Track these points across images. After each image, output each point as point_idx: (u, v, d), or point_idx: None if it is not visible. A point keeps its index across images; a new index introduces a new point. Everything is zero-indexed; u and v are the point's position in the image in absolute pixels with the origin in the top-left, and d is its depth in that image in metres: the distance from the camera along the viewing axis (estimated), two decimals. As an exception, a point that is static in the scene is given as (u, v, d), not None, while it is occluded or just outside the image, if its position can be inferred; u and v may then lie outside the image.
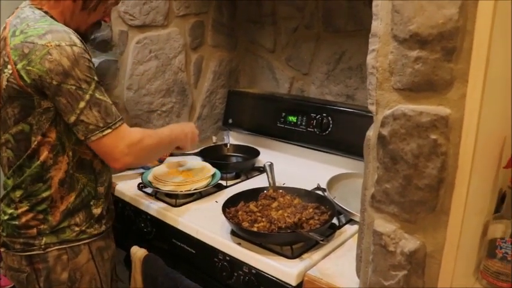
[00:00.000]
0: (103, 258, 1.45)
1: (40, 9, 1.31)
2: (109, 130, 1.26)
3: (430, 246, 0.88)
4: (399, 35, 0.81)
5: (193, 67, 2.19)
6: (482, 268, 0.94)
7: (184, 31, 2.11)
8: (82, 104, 1.22)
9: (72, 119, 1.24)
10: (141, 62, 1.96)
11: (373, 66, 0.89)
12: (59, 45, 1.19)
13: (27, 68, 1.19)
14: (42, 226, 1.33)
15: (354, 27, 1.91)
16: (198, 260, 1.49)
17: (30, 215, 1.33)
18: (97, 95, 1.24)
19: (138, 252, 1.60)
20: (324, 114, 1.87)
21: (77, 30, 1.34)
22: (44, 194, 1.32)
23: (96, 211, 1.42)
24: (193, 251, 1.49)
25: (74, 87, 1.20)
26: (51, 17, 1.31)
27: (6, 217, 1.35)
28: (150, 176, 1.74)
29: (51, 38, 1.19)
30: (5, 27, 1.29)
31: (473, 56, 0.74)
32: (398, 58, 0.82)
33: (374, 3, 0.88)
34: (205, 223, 1.49)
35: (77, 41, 1.23)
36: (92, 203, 1.41)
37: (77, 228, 1.37)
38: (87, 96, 1.22)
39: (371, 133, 0.96)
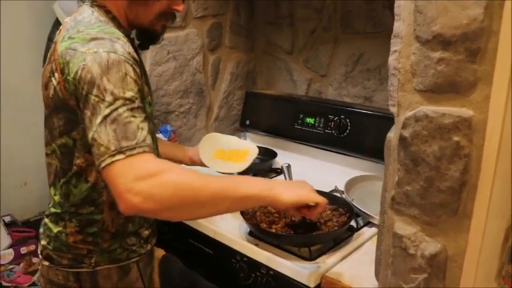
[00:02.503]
0: (147, 274, 1.37)
1: (103, 7, 1.18)
2: (121, 156, 0.96)
3: (451, 250, 0.87)
4: (422, 35, 0.80)
5: (210, 68, 2.20)
6: (505, 274, 0.93)
7: (202, 32, 2.12)
8: (99, 119, 0.99)
9: (90, 137, 1.01)
10: (159, 63, 1.98)
11: (394, 67, 0.88)
12: (95, 52, 1.02)
13: (68, 77, 1.05)
14: (92, 248, 1.23)
15: (372, 29, 1.90)
16: (215, 261, 1.49)
17: (80, 237, 1.22)
18: (121, 110, 0.99)
19: (155, 252, 1.61)
20: (342, 116, 1.86)
21: (142, 27, 1.24)
22: (96, 217, 1.22)
23: (146, 233, 1.33)
24: (211, 252, 1.50)
25: (96, 99, 0.99)
26: (113, 18, 1.19)
27: (52, 234, 1.25)
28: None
29: (93, 45, 1.04)
30: (60, 30, 1.18)
31: (499, 57, 0.73)
32: (421, 59, 0.82)
33: (396, 4, 0.87)
34: (223, 224, 1.49)
35: (120, 50, 1.04)
36: (144, 227, 1.32)
37: (127, 248, 1.28)
38: (107, 111, 0.98)
39: (392, 135, 0.95)
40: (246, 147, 1.64)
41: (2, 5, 2.43)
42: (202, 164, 1.56)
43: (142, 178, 0.95)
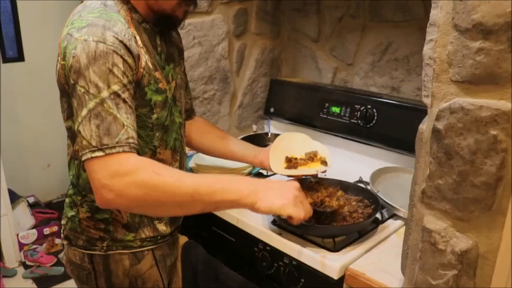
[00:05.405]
0: (166, 264, 1.38)
1: None
2: (100, 153, 0.99)
3: (483, 247, 0.84)
4: (461, 24, 0.77)
5: (236, 55, 2.18)
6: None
7: (228, 18, 2.10)
8: (84, 112, 1.01)
9: (76, 126, 1.04)
10: (185, 49, 1.96)
11: (430, 57, 0.85)
12: (85, 40, 1.02)
13: (64, 63, 1.07)
14: (103, 235, 1.25)
15: (402, 17, 1.85)
16: (238, 249, 1.49)
17: (92, 223, 1.25)
18: (106, 106, 1.00)
19: (179, 239, 1.61)
20: (369, 106, 1.83)
21: (162, 12, 1.19)
22: None
23: (162, 228, 1.32)
24: (233, 240, 1.49)
25: (82, 90, 1.01)
26: (128, 3, 1.16)
27: (68, 216, 1.30)
28: (191, 162, 1.74)
29: (85, 32, 1.04)
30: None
31: (543, 48, 0.70)
32: (459, 49, 0.79)
33: (434, -9, 0.84)
34: (246, 212, 1.45)
35: (111, 39, 1.04)
36: (158, 220, 1.31)
37: (142, 239, 1.29)
38: (92, 104, 1.00)
39: (424, 126, 0.92)
40: (324, 154, 1.47)
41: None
42: (272, 170, 1.41)
43: (118, 176, 0.98)
